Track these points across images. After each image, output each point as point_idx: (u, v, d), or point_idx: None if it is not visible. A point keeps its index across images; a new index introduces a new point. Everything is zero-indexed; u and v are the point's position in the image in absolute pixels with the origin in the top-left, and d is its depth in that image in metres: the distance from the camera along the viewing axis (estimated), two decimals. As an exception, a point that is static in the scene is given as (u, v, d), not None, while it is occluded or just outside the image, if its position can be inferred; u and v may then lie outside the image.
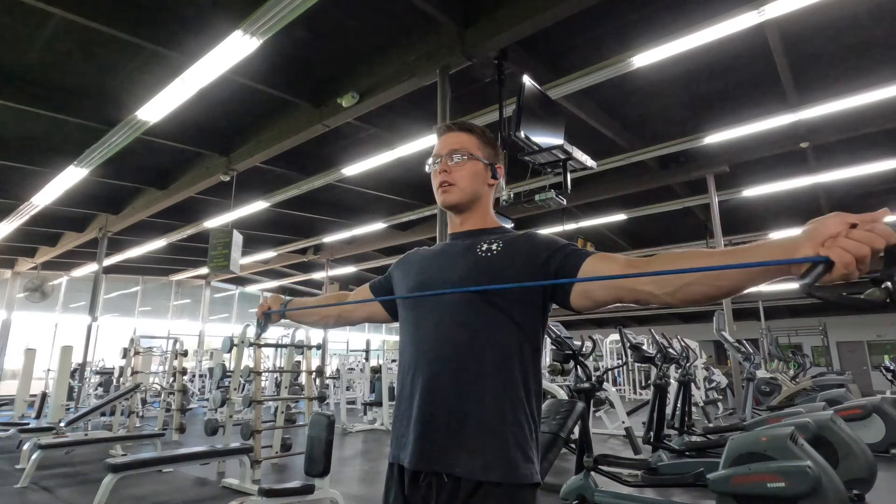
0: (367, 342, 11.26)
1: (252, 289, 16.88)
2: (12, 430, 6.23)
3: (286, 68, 4.85)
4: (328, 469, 3.17)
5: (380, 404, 8.35)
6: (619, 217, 8.88)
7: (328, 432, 3.15)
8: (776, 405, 8.00)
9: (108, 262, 10.48)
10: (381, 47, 4.59)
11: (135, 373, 7.19)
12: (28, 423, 6.87)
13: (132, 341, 7.46)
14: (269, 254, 11.84)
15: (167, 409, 7.87)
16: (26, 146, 6.25)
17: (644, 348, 5.39)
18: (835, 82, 4.99)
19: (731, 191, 7.47)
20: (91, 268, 10.96)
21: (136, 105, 4.87)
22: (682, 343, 6.81)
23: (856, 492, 3.29)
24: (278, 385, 7.17)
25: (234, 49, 3.96)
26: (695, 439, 5.04)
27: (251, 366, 5.05)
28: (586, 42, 4.50)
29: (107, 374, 10.29)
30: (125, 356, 7.55)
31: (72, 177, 6.42)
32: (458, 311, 1.03)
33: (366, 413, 8.96)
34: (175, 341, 7.74)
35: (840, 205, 8.33)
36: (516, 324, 1.02)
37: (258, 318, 1.44)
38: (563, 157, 3.70)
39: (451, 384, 1.00)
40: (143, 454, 4.87)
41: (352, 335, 12.86)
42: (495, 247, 1.07)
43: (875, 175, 6.84)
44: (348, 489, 4.30)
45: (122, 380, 8.12)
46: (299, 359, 6.03)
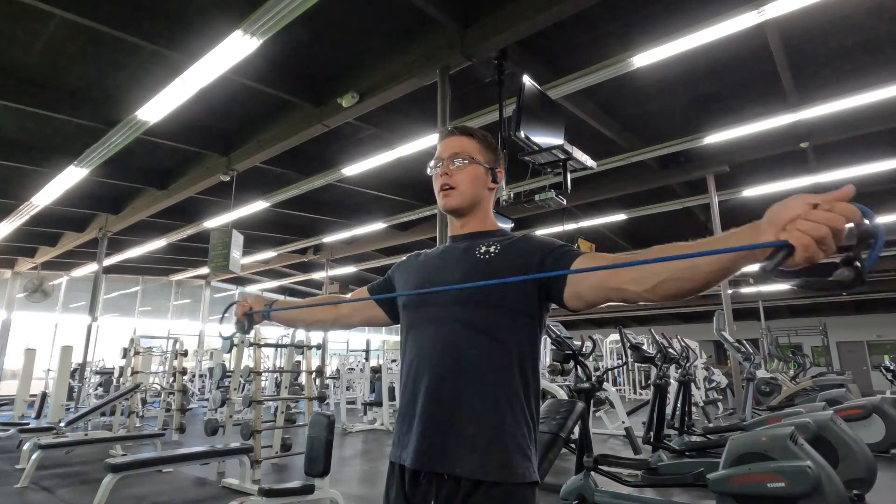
0: (367, 342, 11.26)
1: (252, 289, 16.87)
2: (12, 430, 6.24)
3: (286, 68, 4.85)
4: (328, 469, 3.18)
5: (380, 404, 8.35)
6: (619, 217, 8.87)
7: (328, 432, 3.15)
8: (776, 405, 8.01)
9: (108, 262, 10.49)
10: (381, 47, 4.59)
11: (135, 373, 7.18)
12: (28, 423, 6.87)
13: (132, 341, 7.46)
14: (269, 254, 11.84)
15: (167, 409, 7.87)
16: (26, 146, 6.25)
17: (644, 348, 5.39)
18: (835, 82, 4.99)
19: (731, 191, 7.47)
20: (91, 268, 10.96)
21: (136, 105, 4.88)
22: (682, 343, 6.81)
23: (856, 492, 3.29)
24: (278, 385, 7.17)
25: (234, 49, 3.96)
26: (695, 439, 5.04)
27: (251, 366, 5.05)
28: (586, 42, 4.50)
29: (107, 374, 10.29)
30: (125, 356, 7.56)
31: (72, 177, 6.42)
32: (458, 312, 1.05)
33: (366, 413, 8.96)
34: (175, 341, 7.75)
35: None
36: (515, 325, 1.04)
37: (237, 318, 1.35)
38: (563, 157, 3.70)
39: (452, 385, 1.02)
40: (143, 454, 4.87)
41: (352, 335, 12.84)
42: (493, 249, 1.08)
43: (875, 175, 6.83)
44: (348, 489, 4.30)
45: (122, 380, 8.12)
46: (299, 359, 6.03)
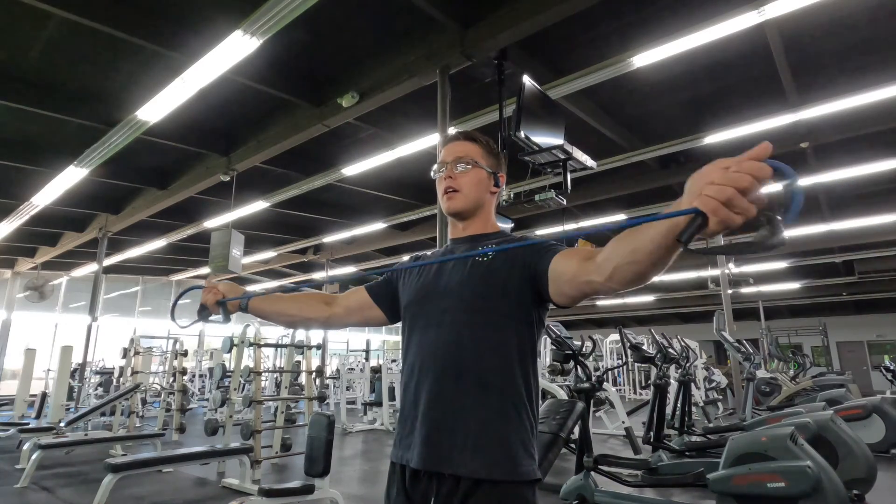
0: (367, 342, 11.26)
1: (253, 289, 16.84)
2: (12, 430, 6.24)
3: (286, 68, 4.85)
4: (328, 469, 3.18)
5: (380, 404, 8.35)
6: (620, 217, 8.87)
7: (328, 432, 3.16)
8: (776, 405, 8.02)
9: (108, 262, 10.48)
10: (381, 47, 4.59)
11: (135, 373, 7.19)
12: (28, 423, 6.87)
13: (132, 341, 7.46)
14: (269, 254, 11.84)
15: (167, 409, 7.87)
16: (26, 146, 6.24)
17: (644, 348, 5.39)
18: (835, 82, 4.98)
19: (730, 191, 7.46)
20: (91, 268, 10.96)
21: (136, 105, 4.87)
22: (682, 343, 6.82)
23: (856, 492, 3.29)
24: (278, 385, 7.17)
25: (234, 49, 3.96)
26: (695, 439, 5.04)
27: (251, 366, 5.05)
28: (586, 42, 4.50)
29: (107, 374, 10.30)
30: (125, 356, 7.56)
31: (72, 177, 6.41)
32: (460, 314, 1.07)
33: (366, 413, 8.96)
34: (175, 341, 7.75)
35: (840, 205, 8.33)
36: (514, 324, 1.05)
37: (203, 303, 1.27)
38: (563, 157, 3.70)
39: (455, 386, 1.03)
40: (143, 454, 4.87)
41: (352, 335, 12.84)
42: (491, 251, 1.10)
43: (875, 175, 6.83)
44: (348, 489, 4.30)
45: (122, 380, 8.13)
46: (299, 359, 6.03)
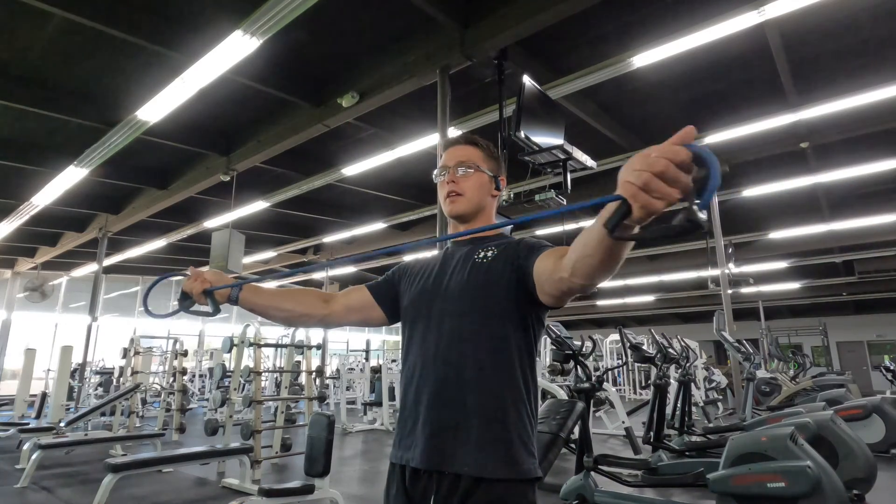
0: (367, 342, 11.26)
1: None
2: (12, 430, 6.24)
3: (286, 68, 4.85)
4: (328, 469, 3.18)
5: (380, 404, 8.35)
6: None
7: (328, 432, 3.16)
8: (776, 405, 8.02)
9: (108, 262, 10.48)
10: (381, 47, 4.59)
11: (135, 373, 7.19)
12: (28, 423, 6.87)
13: (132, 341, 7.46)
14: (269, 254, 11.84)
15: (167, 409, 7.87)
16: (26, 146, 6.24)
17: (644, 348, 5.40)
18: (835, 82, 4.99)
19: (731, 191, 7.47)
20: (91, 268, 10.95)
21: (136, 105, 4.87)
22: (682, 343, 6.82)
23: (856, 492, 3.29)
24: (278, 385, 7.17)
25: (234, 49, 3.96)
26: (695, 439, 5.04)
27: (251, 366, 5.05)
28: (586, 42, 4.50)
29: (107, 374, 10.30)
30: (125, 356, 7.56)
31: (72, 177, 6.42)
32: (460, 315, 1.08)
33: (366, 413, 8.96)
34: (175, 341, 7.75)
35: (840, 205, 8.34)
36: (514, 324, 1.06)
37: (185, 290, 1.16)
38: (563, 157, 3.70)
39: (456, 387, 1.03)
40: (143, 454, 4.87)
41: (352, 335, 12.84)
42: (490, 253, 1.12)
43: (875, 175, 6.84)
44: (348, 489, 4.30)
45: (122, 380, 8.13)
46: (299, 359, 6.03)
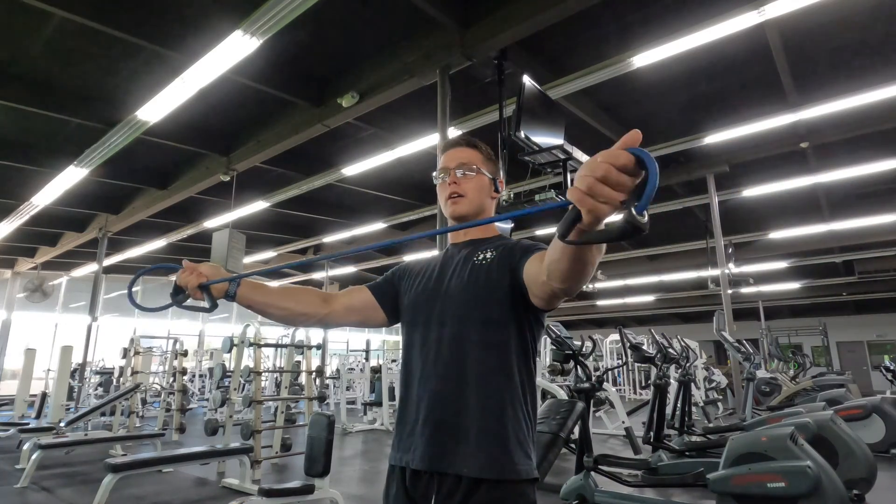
0: (367, 342, 11.26)
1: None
2: (12, 430, 6.24)
3: (286, 68, 4.85)
4: (328, 469, 3.18)
5: (380, 404, 8.35)
6: (619, 218, 8.85)
7: (328, 432, 3.16)
8: (776, 405, 8.01)
9: (108, 262, 10.48)
10: (381, 47, 4.59)
11: (135, 373, 7.19)
12: (28, 423, 6.87)
13: (132, 341, 7.46)
14: (269, 254, 11.83)
15: (167, 409, 7.87)
16: (26, 146, 6.24)
17: (644, 348, 5.39)
18: (835, 82, 4.99)
19: (731, 191, 7.47)
20: (91, 268, 10.96)
21: (136, 105, 4.87)
22: (682, 343, 6.82)
23: (856, 492, 3.29)
24: (278, 385, 7.17)
25: (234, 49, 3.96)
26: (695, 439, 5.04)
27: (251, 366, 5.05)
28: (586, 42, 4.50)
29: (107, 374, 10.30)
30: (125, 356, 7.56)
31: (72, 177, 6.42)
32: (459, 317, 1.08)
33: (366, 413, 8.96)
34: (175, 341, 7.75)
35: (840, 205, 8.34)
36: (513, 326, 1.07)
37: (177, 283, 1.18)
38: (563, 157, 3.69)
39: (456, 388, 1.04)
40: (143, 454, 4.87)
41: (352, 335, 12.83)
42: (489, 255, 1.13)
43: (875, 175, 6.84)
44: (348, 489, 4.30)
45: (122, 380, 8.12)
46: (299, 359, 6.03)
